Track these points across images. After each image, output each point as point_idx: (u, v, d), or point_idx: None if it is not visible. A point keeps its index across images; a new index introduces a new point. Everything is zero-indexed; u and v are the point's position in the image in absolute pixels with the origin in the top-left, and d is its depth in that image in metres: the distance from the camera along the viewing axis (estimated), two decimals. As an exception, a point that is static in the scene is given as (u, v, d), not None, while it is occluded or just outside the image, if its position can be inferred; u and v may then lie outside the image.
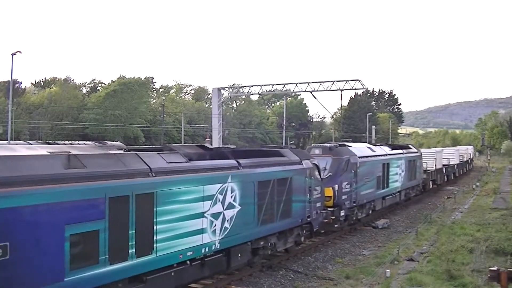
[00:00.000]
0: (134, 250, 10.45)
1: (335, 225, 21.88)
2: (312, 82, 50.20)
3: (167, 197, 11.45)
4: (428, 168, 39.35)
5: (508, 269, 11.22)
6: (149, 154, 11.92)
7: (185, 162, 12.58)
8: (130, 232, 10.33)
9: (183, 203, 11.96)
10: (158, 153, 12.28)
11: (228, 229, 13.68)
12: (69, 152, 10.15)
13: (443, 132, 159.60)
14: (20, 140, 43.96)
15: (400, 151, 31.51)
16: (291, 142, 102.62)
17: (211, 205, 12.94)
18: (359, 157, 23.77)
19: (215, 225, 13.16)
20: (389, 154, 28.92)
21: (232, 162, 14.32)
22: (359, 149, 25.31)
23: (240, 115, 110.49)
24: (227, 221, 13.65)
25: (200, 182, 12.53)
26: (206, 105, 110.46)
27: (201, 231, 12.63)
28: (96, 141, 37.56)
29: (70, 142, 35.84)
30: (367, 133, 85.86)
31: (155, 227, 11.05)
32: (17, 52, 38.88)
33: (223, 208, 13.43)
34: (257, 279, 16.02)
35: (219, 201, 13.25)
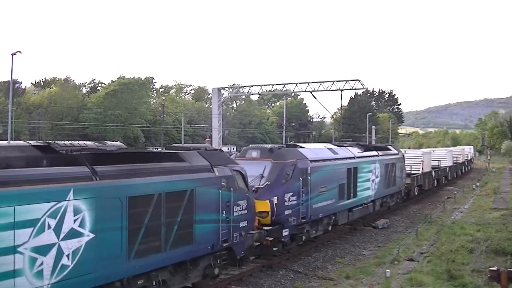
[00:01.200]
0: None
1: (274, 248, 17.39)
2: (312, 82, 50.29)
3: None
4: (413, 172, 35.19)
5: (508, 269, 11.22)
6: None
7: None
8: None
9: None
10: None
11: (69, 268, 9.30)
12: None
13: (443, 132, 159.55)
14: (20, 140, 43.98)
15: (373, 153, 26.44)
16: (291, 142, 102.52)
17: (33, 234, 8.73)
18: (311, 160, 19.04)
19: (42, 264, 8.87)
20: (358, 157, 23.81)
21: (80, 170, 9.96)
22: (313, 150, 20.77)
23: (240, 115, 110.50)
24: (66, 256, 9.27)
25: (9, 200, 8.39)
26: (206, 105, 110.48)
27: (12, 274, 8.37)
28: (96, 141, 37.50)
29: (70, 142, 35.78)
30: (367, 133, 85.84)
31: None
32: (17, 52, 38.91)
33: (57, 238, 9.14)
34: (257, 279, 16.03)
35: (49, 228, 9.00)
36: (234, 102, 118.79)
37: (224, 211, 13.47)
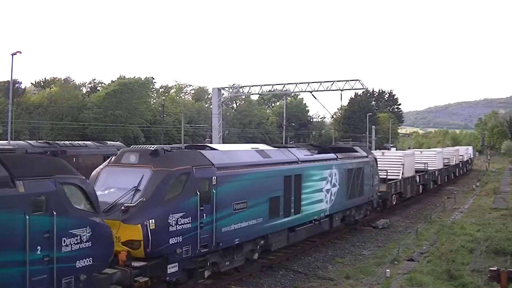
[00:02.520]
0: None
1: None
2: (312, 82, 50.31)
3: None
4: (390, 177, 30.34)
5: (508, 269, 11.23)
6: None
7: None
8: None
9: None
10: None
11: None
12: None
13: (443, 132, 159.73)
14: (20, 140, 44.00)
15: (329, 155, 21.10)
16: (291, 142, 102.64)
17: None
18: (219, 167, 13.94)
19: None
20: (304, 161, 18.68)
21: None
22: (227, 154, 15.40)
23: (240, 115, 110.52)
24: None
25: None
26: (206, 105, 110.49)
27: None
28: (96, 141, 37.55)
29: (70, 142, 35.83)
30: (367, 133, 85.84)
31: None
32: (17, 52, 38.87)
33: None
34: (257, 279, 16.04)
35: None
36: (234, 102, 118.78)
37: (39, 247, 9.01)
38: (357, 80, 49.41)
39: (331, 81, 49.83)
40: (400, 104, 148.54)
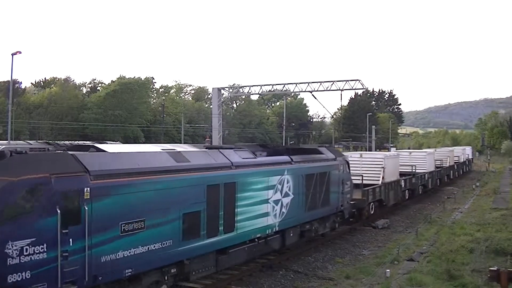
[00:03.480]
0: None
1: None
2: (312, 82, 50.27)
3: None
4: (367, 183, 26.68)
5: (508, 269, 11.23)
6: None
7: None
8: None
9: None
10: None
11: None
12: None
13: (443, 132, 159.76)
14: (20, 140, 44.01)
15: (282, 158, 17.47)
16: (291, 142, 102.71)
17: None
18: (96, 175, 10.55)
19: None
20: (239, 166, 14.97)
21: None
22: (114, 157, 11.67)
23: (240, 115, 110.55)
24: None
25: None
26: (206, 105, 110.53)
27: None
28: (96, 141, 37.50)
29: (70, 142, 35.82)
30: (367, 133, 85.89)
31: None
32: (17, 52, 38.92)
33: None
34: (257, 279, 16.04)
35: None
36: (234, 102, 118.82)
37: None
38: (357, 80, 49.38)
39: (331, 81, 49.79)
40: (400, 104, 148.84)
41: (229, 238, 14.32)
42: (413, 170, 35.22)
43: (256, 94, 60.29)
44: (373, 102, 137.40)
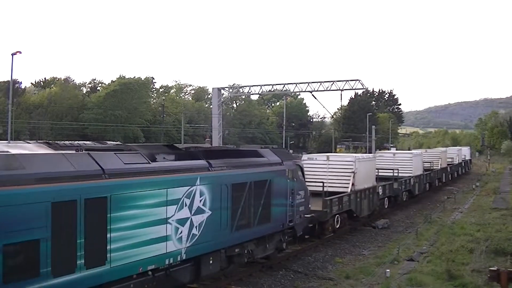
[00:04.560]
0: None
1: None
2: (312, 82, 50.32)
3: None
4: (333, 190, 23.06)
5: (508, 269, 11.24)
6: None
7: None
8: None
9: None
10: None
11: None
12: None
13: (443, 132, 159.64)
14: (20, 140, 44.03)
15: (193, 164, 13.33)
16: (291, 142, 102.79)
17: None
18: None
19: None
20: (115, 175, 10.88)
21: None
22: None
23: (240, 115, 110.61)
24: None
25: None
26: (206, 105, 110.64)
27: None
28: (96, 141, 37.51)
29: (70, 142, 35.83)
30: (367, 133, 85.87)
31: None
32: (17, 52, 38.95)
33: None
34: (257, 279, 16.05)
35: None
36: (234, 102, 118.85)
37: None
38: (357, 80, 49.46)
39: (331, 81, 49.84)
40: (400, 104, 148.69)
41: (97, 274, 10.27)
42: (395, 174, 31.37)
43: (256, 94, 60.43)
44: (373, 102, 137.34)
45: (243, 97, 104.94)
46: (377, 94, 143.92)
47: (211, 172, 13.61)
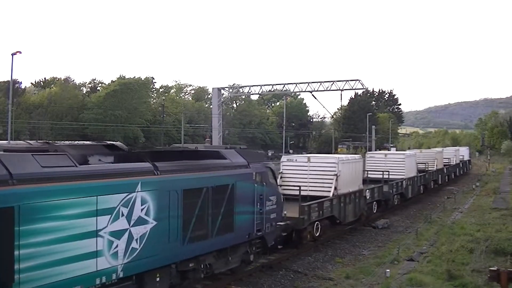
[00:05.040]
0: None
1: None
2: (312, 82, 50.34)
3: None
4: (318, 195, 21.65)
5: (508, 269, 11.24)
6: None
7: None
8: None
9: None
10: None
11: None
12: None
13: (443, 132, 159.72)
14: (20, 140, 44.03)
15: (136, 166, 11.50)
16: (291, 142, 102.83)
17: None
18: None
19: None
20: (26, 180, 8.96)
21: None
22: None
23: (240, 115, 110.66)
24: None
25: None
26: (206, 105, 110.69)
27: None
28: (96, 141, 37.55)
29: (70, 142, 35.86)
30: (367, 133, 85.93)
31: None
32: (17, 52, 38.97)
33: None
34: (257, 279, 16.04)
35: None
36: (234, 102, 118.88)
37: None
38: (357, 80, 49.48)
39: (331, 81, 49.87)
40: (400, 104, 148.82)
41: None
42: (385, 177, 29.33)
43: (256, 94, 60.47)
44: (373, 102, 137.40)
45: (243, 97, 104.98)
46: (377, 94, 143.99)
47: (157, 177, 11.68)
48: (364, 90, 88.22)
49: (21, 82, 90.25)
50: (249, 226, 15.05)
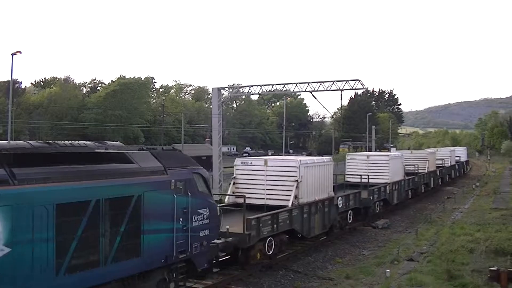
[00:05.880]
0: None
1: None
2: (312, 82, 50.14)
3: None
4: (277, 204, 18.71)
5: (508, 269, 11.23)
6: None
7: None
8: None
9: None
10: None
11: None
12: None
13: (443, 132, 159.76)
14: (20, 140, 44.02)
15: None
16: (291, 142, 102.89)
17: None
18: None
19: None
20: None
21: None
22: None
23: (240, 115, 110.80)
24: None
25: None
26: (206, 105, 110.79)
27: None
28: (96, 141, 37.60)
29: (70, 142, 35.89)
30: (367, 133, 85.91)
31: None
32: (17, 52, 38.92)
33: None
34: (257, 279, 16.05)
35: None
36: (234, 102, 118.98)
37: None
38: (357, 80, 49.27)
39: (331, 81, 49.70)
40: (400, 104, 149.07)
41: None
42: (366, 181, 26.57)
43: (256, 94, 60.32)
44: (373, 102, 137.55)
45: (243, 97, 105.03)
46: (377, 94, 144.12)
47: (13, 187, 9.00)
48: (364, 90, 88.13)
49: (21, 82, 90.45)
50: (167, 247, 12.02)
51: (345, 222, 23.68)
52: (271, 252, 17.33)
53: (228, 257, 16.05)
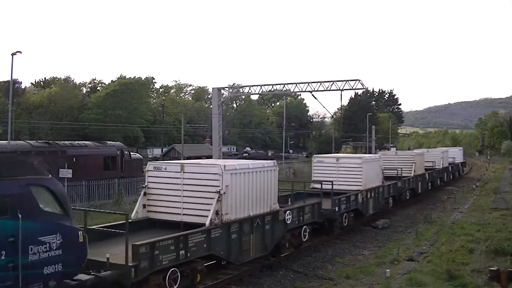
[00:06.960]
0: None
1: None
2: (312, 82, 50.19)
3: None
4: (196, 221, 14.53)
5: (508, 269, 11.24)
6: None
7: None
8: None
9: None
10: None
11: None
12: None
13: (443, 132, 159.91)
14: (20, 140, 44.05)
15: None
16: (291, 142, 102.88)
17: None
18: None
19: None
20: None
21: None
22: None
23: (240, 115, 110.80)
24: None
25: None
26: (206, 105, 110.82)
27: None
28: (96, 141, 37.64)
29: (70, 142, 35.91)
30: (367, 133, 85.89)
31: None
32: (17, 52, 38.89)
33: None
34: (257, 279, 16.05)
35: None
36: (234, 102, 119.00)
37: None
38: (357, 80, 49.33)
39: (331, 81, 49.74)
40: (400, 104, 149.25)
41: None
42: (327, 189, 21.51)
43: (256, 94, 60.37)
44: (373, 102, 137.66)
45: (243, 97, 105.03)
46: (377, 94, 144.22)
47: None
48: (364, 90, 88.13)
49: (21, 82, 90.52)
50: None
51: (297, 239, 18.90)
52: (176, 285, 12.69)
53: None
